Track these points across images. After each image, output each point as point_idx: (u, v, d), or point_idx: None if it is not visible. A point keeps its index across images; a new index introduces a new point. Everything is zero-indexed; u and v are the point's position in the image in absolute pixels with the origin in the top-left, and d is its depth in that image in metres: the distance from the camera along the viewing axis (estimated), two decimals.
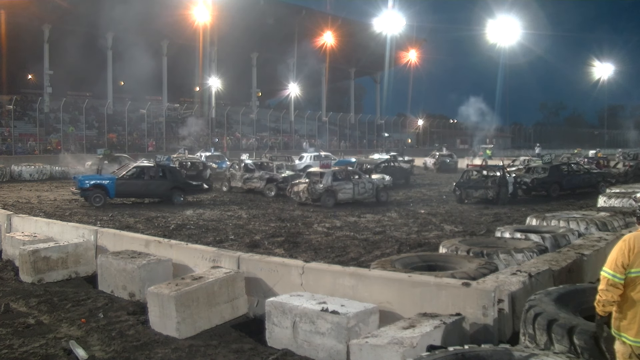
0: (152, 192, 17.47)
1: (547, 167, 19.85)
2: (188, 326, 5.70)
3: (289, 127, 57.39)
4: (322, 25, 56.28)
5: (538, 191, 18.98)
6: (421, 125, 66.34)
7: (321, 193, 16.64)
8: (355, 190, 17.14)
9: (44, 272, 7.91)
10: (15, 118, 39.56)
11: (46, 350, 5.27)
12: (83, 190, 16.62)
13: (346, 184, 17.05)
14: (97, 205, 16.30)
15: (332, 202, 16.59)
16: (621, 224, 8.91)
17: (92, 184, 16.68)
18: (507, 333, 4.77)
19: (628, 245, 3.26)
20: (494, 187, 17.03)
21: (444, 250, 7.35)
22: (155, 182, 17.35)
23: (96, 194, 16.47)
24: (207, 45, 50.25)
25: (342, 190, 16.91)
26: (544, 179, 18.93)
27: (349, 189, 17.04)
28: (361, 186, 17.29)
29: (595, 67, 75.72)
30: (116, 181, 16.83)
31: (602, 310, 3.34)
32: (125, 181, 17.04)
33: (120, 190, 16.91)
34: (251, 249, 9.88)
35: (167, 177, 17.61)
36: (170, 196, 17.31)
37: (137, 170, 17.67)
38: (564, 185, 19.20)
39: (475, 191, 17.26)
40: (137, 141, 43.77)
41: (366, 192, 17.39)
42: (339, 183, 16.98)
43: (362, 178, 17.77)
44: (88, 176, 18.36)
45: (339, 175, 17.33)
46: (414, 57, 65.86)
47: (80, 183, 16.79)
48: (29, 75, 51.48)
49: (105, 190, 16.62)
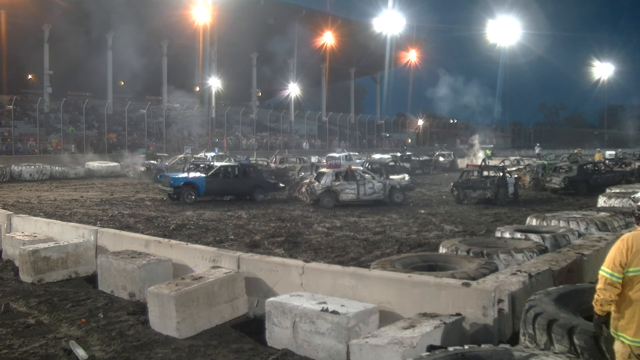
0: (237, 189, 18.54)
1: (574, 167, 21.20)
2: (188, 326, 5.70)
3: (289, 127, 57.36)
4: (322, 25, 56.27)
5: (568, 190, 19.80)
6: (421, 125, 66.35)
7: (320, 194, 16.45)
8: (361, 190, 16.66)
9: (44, 272, 7.91)
10: (15, 118, 39.53)
11: (46, 350, 5.27)
12: (176, 188, 17.53)
13: (349, 184, 16.64)
14: (189, 202, 17.27)
15: (332, 203, 16.34)
16: (621, 224, 8.91)
17: (184, 182, 17.67)
18: (507, 333, 4.77)
19: (626, 245, 3.26)
20: (492, 188, 16.85)
21: (444, 250, 7.35)
22: (240, 181, 18.50)
23: (188, 192, 17.49)
24: (207, 45, 50.23)
25: (344, 190, 16.55)
26: (574, 178, 20.01)
27: (352, 190, 16.62)
28: (368, 186, 16.77)
29: (595, 67, 75.76)
30: (205, 179, 17.83)
31: (600, 310, 3.34)
32: (213, 179, 18.02)
33: (209, 188, 17.90)
34: (251, 249, 9.88)
35: (250, 176, 18.79)
36: (252, 193, 18.29)
37: (223, 169, 18.71)
38: (591, 183, 20.13)
39: (473, 191, 17.13)
40: (137, 141, 43.74)
41: (375, 193, 16.83)
42: (340, 183, 16.63)
43: (371, 178, 17.22)
44: (179, 175, 19.21)
45: (341, 175, 16.93)
46: (414, 57, 65.87)
47: (173, 181, 17.74)
48: (29, 75, 51.45)
49: (196, 188, 17.65)
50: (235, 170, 18.81)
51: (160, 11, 42.10)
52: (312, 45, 56.91)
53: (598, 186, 19.81)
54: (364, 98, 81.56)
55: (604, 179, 20.76)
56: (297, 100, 59.49)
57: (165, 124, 46.03)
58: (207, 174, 18.13)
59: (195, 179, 17.93)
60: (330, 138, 57.64)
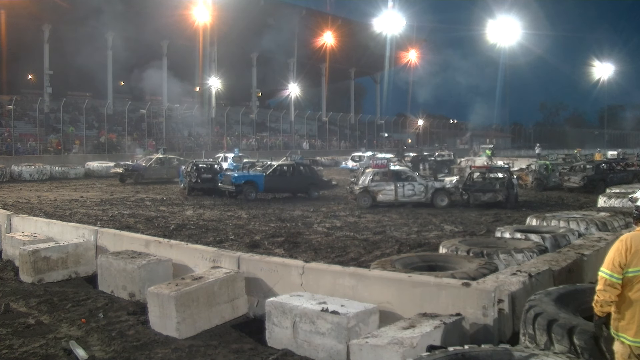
0: (293, 187, 19.35)
1: (590, 165, 21.72)
2: (188, 326, 5.70)
3: (289, 127, 57.36)
4: (322, 25, 56.27)
5: (587, 189, 19.98)
6: (421, 126, 66.35)
7: (358, 194, 16.46)
8: (399, 191, 16.36)
9: (44, 272, 7.91)
10: (15, 118, 39.50)
11: (46, 350, 5.27)
12: (237, 186, 18.33)
13: (387, 185, 16.44)
14: (250, 199, 18.06)
15: (369, 203, 16.26)
16: (621, 224, 8.91)
17: (245, 181, 18.49)
18: (507, 333, 4.77)
19: (625, 245, 3.26)
20: (503, 190, 16.23)
21: (444, 250, 7.35)
22: (297, 179, 19.34)
23: (249, 189, 18.32)
24: (207, 45, 50.23)
25: (382, 191, 16.39)
26: (592, 177, 20.45)
27: (390, 191, 16.38)
28: (408, 188, 16.43)
29: (595, 67, 75.77)
30: (265, 178, 18.67)
31: (600, 311, 3.33)
32: (272, 178, 18.89)
33: (268, 185, 18.71)
34: (251, 249, 9.88)
35: (306, 174, 19.71)
36: (307, 191, 19.06)
37: (280, 168, 19.47)
38: (607, 182, 20.24)
39: (483, 194, 16.33)
40: (137, 141, 43.74)
41: (415, 195, 16.42)
42: (377, 184, 16.48)
43: (412, 179, 16.82)
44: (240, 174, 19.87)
45: (380, 176, 16.74)
46: (414, 57, 65.88)
47: (234, 179, 18.54)
48: (29, 75, 51.45)
49: (255, 186, 18.44)
50: (291, 168, 19.63)
51: (160, 11, 42.08)
52: (312, 45, 56.92)
53: (614, 184, 19.88)
54: (364, 98, 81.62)
55: (619, 178, 21.12)
56: (297, 100, 59.48)
57: (166, 123, 46.02)
58: (266, 173, 19.00)
59: (255, 177, 18.82)
60: (330, 138, 57.66)
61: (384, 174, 16.92)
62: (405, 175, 17.19)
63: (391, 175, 16.87)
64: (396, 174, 17.02)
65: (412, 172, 17.89)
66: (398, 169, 17.95)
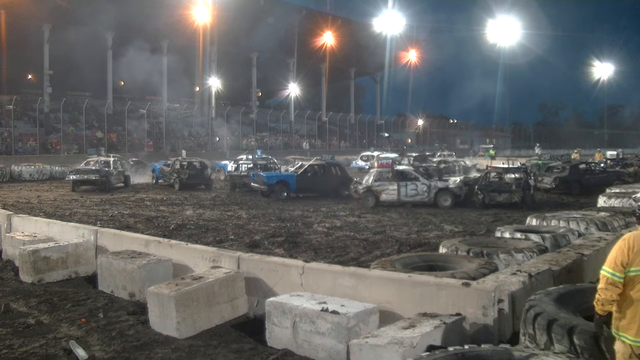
0: (324, 187, 19.52)
1: (567, 166, 20.84)
2: (188, 326, 5.69)
3: (289, 127, 57.37)
4: (322, 25, 56.31)
5: (560, 190, 19.60)
6: (421, 125, 66.38)
7: (362, 193, 16.62)
8: (402, 191, 16.42)
9: (44, 272, 7.90)
10: (15, 118, 39.55)
11: (46, 350, 5.27)
12: (269, 186, 18.73)
13: (390, 185, 16.51)
14: (281, 198, 18.41)
15: (372, 203, 16.38)
16: (621, 224, 8.90)
17: (277, 180, 18.95)
18: (507, 333, 4.76)
19: (628, 244, 3.26)
20: (519, 191, 15.87)
21: (444, 250, 7.34)
22: (327, 179, 19.67)
23: (281, 189, 18.67)
24: (207, 45, 50.26)
25: (385, 191, 16.49)
26: (565, 178, 19.73)
27: (393, 190, 16.45)
28: (410, 188, 16.43)
29: (595, 67, 75.80)
30: (296, 178, 19.08)
31: (601, 310, 3.33)
32: (303, 177, 19.29)
33: (299, 185, 19.07)
34: (251, 249, 9.87)
35: (336, 174, 19.97)
36: (337, 190, 19.22)
37: (311, 168, 19.87)
38: (584, 183, 19.87)
39: (498, 195, 15.96)
40: (137, 141, 43.76)
41: (417, 195, 16.42)
42: (381, 183, 16.59)
43: (416, 179, 16.70)
44: (271, 174, 20.35)
45: (383, 176, 16.85)
46: (414, 57, 65.90)
47: (267, 179, 18.94)
48: (29, 75, 51.47)
49: (287, 186, 18.80)
50: (322, 168, 20.02)
51: (160, 11, 42.12)
52: (312, 45, 56.94)
53: (591, 186, 19.73)
54: (364, 98, 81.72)
55: (597, 179, 20.50)
56: (297, 100, 59.53)
57: (165, 123, 46.03)
58: (298, 173, 19.37)
59: (287, 177, 19.26)
60: (330, 138, 57.66)
61: (388, 173, 17.03)
62: (408, 175, 17.15)
63: (395, 175, 16.91)
64: (400, 174, 17.05)
65: (416, 172, 17.65)
66: (402, 169, 17.95)
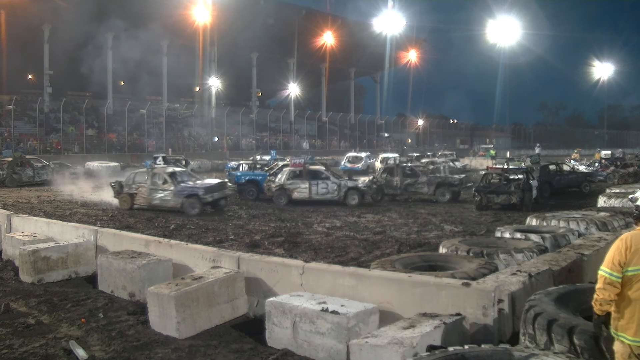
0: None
1: (536, 168, 19.93)
2: (188, 326, 5.69)
3: (289, 127, 57.37)
4: (322, 25, 56.28)
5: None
6: (421, 125, 66.37)
7: (274, 191, 17.02)
8: (313, 190, 17.02)
9: (44, 272, 7.91)
10: (15, 118, 39.53)
11: (46, 350, 5.27)
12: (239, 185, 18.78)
13: (302, 183, 17.07)
14: (251, 198, 18.28)
15: (285, 201, 16.98)
16: (621, 224, 8.90)
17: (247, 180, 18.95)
18: (507, 333, 4.77)
19: (625, 244, 3.26)
20: (518, 192, 15.54)
21: (444, 250, 7.34)
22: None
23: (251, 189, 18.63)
24: (207, 45, 50.24)
25: (297, 189, 17.06)
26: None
27: (305, 189, 17.02)
28: (322, 186, 17.07)
29: (595, 67, 75.80)
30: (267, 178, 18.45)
31: (600, 310, 3.33)
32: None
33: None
34: (251, 249, 9.88)
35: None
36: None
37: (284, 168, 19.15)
38: (554, 185, 19.56)
39: (497, 196, 15.70)
40: (137, 141, 43.75)
41: (328, 193, 17.03)
42: (293, 182, 17.12)
43: (326, 178, 17.34)
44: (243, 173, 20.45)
45: (295, 174, 17.33)
46: (414, 57, 65.90)
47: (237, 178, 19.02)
48: (29, 75, 51.46)
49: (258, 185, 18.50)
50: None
51: (160, 11, 42.10)
52: (312, 45, 56.92)
53: (561, 188, 19.72)
54: (364, 98, 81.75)
55: (567, 180, 20.29)
56: (297, 100, 59.52)
57: (165, 123, 46.02)
58: (269, 173, 19.10)
59: (257, 177, 19.07)
60: (330, 138, 57.65)
61: (300, 172, 17.41)
62: (320, 174, 17.67)
63: (306, 174, 17.38)
64: (311, 173, 17.55)
65: (327, 172, 17.98)
66: (313, 168, 18.28)
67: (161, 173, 15.97)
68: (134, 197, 15.83)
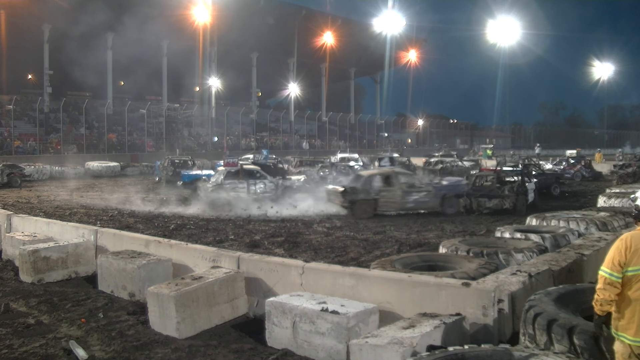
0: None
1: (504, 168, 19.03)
2: (188, 326, 5.69)
3: (289, 127, 57.36)
4: (322, 25, 56.26)
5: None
6: (421, 125, 66.36)
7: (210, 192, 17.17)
8: (251, 189, 17.36)
9: (44, 272, 7.91)
10: (15, 118, 39.53)
11: (46, 350, 5.27)
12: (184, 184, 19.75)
13: (240, 183, 17.33)
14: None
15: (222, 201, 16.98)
16: (621, 224, 8.90)
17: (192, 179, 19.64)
18: (507, 333, 4.77)
19: (625, 244, 3.26)
20: (511, 196, 14.53)
21: (444, 250, 7.34)
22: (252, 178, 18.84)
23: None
24: (207, 45, 50.24)
25: (234, 189, 17.23)
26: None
27: (242, 188, 17.26)
28: (259, 186, 17.51)
29: (595, 67, 75.80)
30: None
31: (600, 310, 3.33)
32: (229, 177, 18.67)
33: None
34: (251, 249, 9.88)
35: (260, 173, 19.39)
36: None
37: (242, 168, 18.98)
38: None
39: (488, 200, 14.64)
40: (137, 141, 43.75)
41: (266, 192, 17.45)
42: (231, 182, 17.28)
43: (264, 178, 17.82)
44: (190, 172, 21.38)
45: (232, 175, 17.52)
46: (413, 57, 65.89)
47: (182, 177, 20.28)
48: (29, 75, 51.45)
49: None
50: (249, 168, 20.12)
51: (160, 11, 42.09)
52: (312, 45, 56.90)
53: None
54: (364, 98, 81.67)
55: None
56: (297, 100, 59.51)
57: (165, 123, 46.01)
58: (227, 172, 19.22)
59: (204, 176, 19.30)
60: (330, 138, 57.63)
61: (237, 172, 17.58)
62: (256, 173, 17.94)
63: (243, 174, 17.59)
64: (248, 173, 17.78)
65: (263, 172, 18.28)
66: (249, 168, 18.48)
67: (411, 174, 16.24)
68: (377, 203, 14.51)
